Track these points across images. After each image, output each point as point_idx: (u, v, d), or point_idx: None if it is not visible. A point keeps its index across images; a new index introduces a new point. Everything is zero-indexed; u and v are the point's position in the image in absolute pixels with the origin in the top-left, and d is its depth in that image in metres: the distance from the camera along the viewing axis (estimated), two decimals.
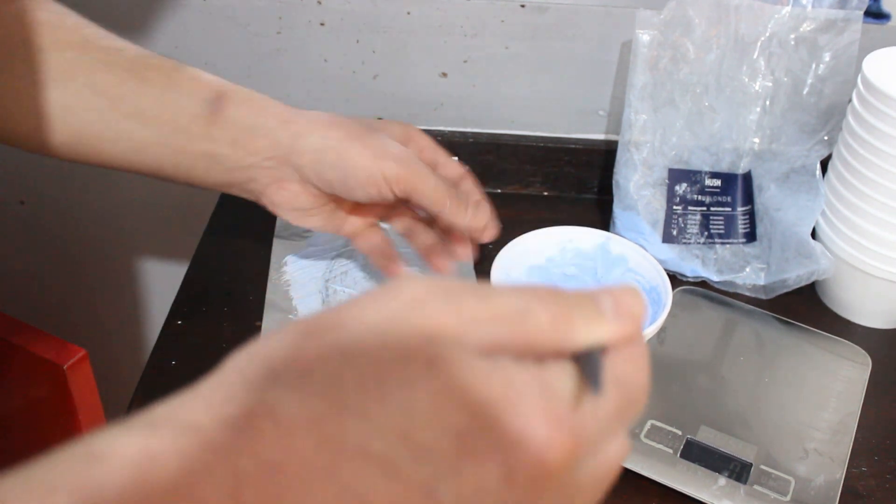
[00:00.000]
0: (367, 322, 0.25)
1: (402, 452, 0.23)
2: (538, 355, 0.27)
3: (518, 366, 0.26)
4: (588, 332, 0.27)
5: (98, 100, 0.53)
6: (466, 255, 0.62)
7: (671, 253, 0.76)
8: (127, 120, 0.53)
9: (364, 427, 0.23)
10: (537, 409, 0.25)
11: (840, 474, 0.58)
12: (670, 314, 0.70)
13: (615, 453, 0.30)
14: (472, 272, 0.77)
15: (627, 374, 0.28)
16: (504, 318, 0.26)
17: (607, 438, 0.28)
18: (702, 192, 0.77)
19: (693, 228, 0.77)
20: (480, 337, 0.26)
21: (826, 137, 0.74)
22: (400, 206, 0.62)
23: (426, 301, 0.26)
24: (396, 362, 0.24)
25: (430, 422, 0.23)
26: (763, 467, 0.58)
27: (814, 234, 0.73)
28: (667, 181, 0.77)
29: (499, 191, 0.87)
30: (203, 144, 0.53)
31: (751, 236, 0.78)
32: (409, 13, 0.79)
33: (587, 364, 0.27)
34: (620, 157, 0.77)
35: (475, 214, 0.59)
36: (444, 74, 0.83)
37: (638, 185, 0.76)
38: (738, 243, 0.78)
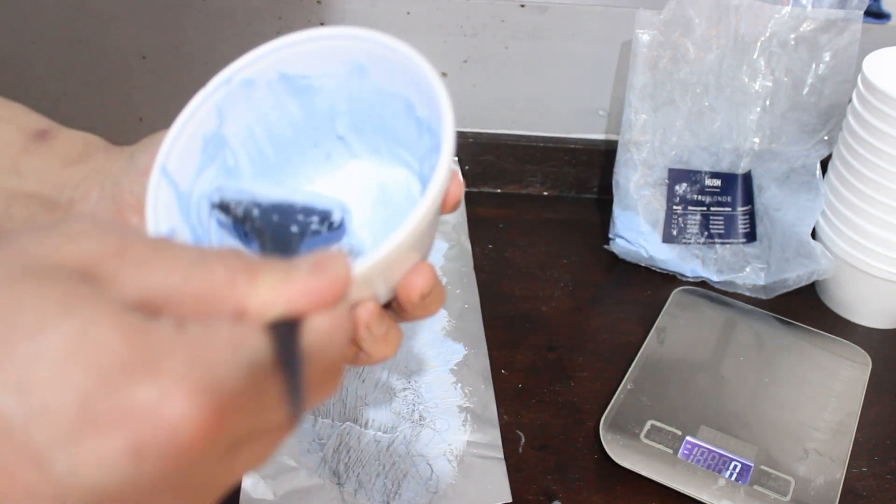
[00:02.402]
0: (20, 248, 0.23)
1: (15, 410, 0.20)
2: (212, 314, 0.24)
3: (168, 326, 0.22)
4: (272, 291, 0.25)
5: None
6: None
7: (671, 253, 0.76)
8: None
9: None
10: (180, 374, 0.22)
11: (840, 474, 0.58)
12: (670, 314, 0.70)
13: (276, 434, 0.27)
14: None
15: (314, 349, 0.25)
16: (175, 267, 0.24)
17: (269, 422, 0.25)
18: (702, 192, 0.77)
19: (693, 228, 0.77)
20: (142, 282, 0.23)
21: (826, 137, 0.74)
22: None
23: (92, 235, 0.23)
24: (33, 297, 0.21)
25: (52, 378, 0.20)
26: (763, 467, 0.58)
27: (814, 234, 0.73)
28: (667, 181, 0.77)
29: (499, 191, 0.87)
30: (6, 179, 0.41)
31: (751, 236, 0.78)
32: (408, 13, 0.79)
33: (279, 337, 0.24)
34: (620, 156, 0.77)
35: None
36: (444, 74, 0.83)
37: (638, 185, 0.76)
38: (738, 243, 0.78)
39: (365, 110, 0.38)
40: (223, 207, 0.36)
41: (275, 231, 0.34)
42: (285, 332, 0.25)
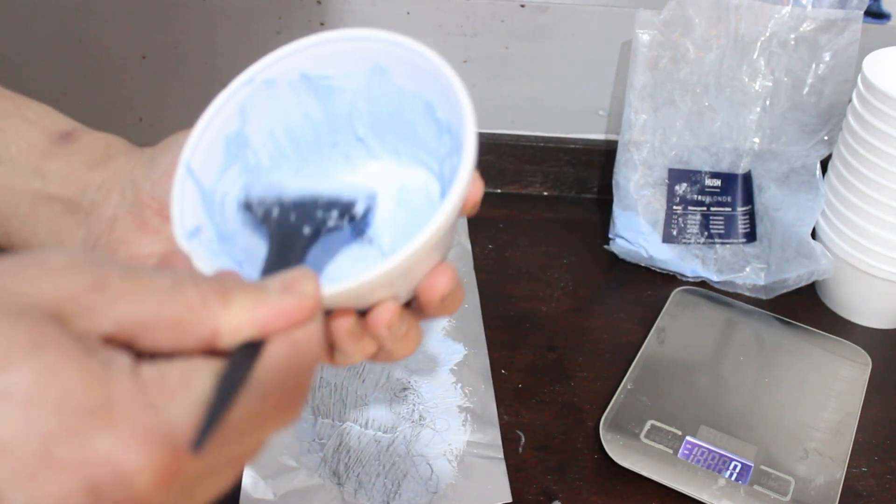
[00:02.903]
0: (6, 279, 0.23)
1: None
2: (185, 339, 0.25)
3: (125, 370, 0.23)
4: (245, 313, 0.26)
5: None
6: None
7: (671, 253, 0.76)
8: None
9: None
10: (136, 423, 0.22)
11: (840, 474, 0.58)
12: (670, 314, 0.70)
13: (252, 451, 0.27)
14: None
15: (274, 377, 0.26)
16: (150, 296, 0.24)
17: (243, 447, 0.26)
18: (702, 192, 0.77)
19: (693, 228, 0.77)
20: (117, 314, 0.24)
21: (826, 137, 0.74)
22: None
23: (68, 271, 0.24)
24: (5, 333, 0.22)
25: (14, 417, 0.21)
26: (763, 467, 0.58)
27: (814, 234, 0.73)
28: (667, 181, 0.77)
29: (499, 191, 0.87)
30: (28, 180, 0.41)
31: (751, 236, 0.78)
32: (408, 13, 0.79)
33: (234, 363, 0.25)
34: (620, 157, 0.77)
35: None
36: None
37: (638, 185, 0.76)
38: (738, 243, 0.78)
39: (385, 111, 0.38)
40: (248, 207, 0.36)
41: (284, 236, 0.34)
42: (246, 355, 0.25)
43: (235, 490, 0.55)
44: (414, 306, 0.36)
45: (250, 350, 0.26)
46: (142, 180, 0.39)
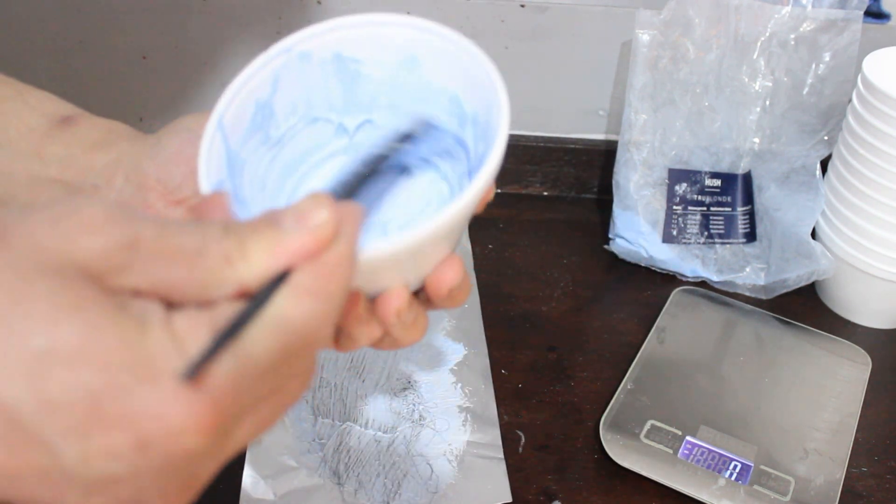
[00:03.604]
0: (33, 241, 0.24)
1: (30, 404, 0.22)
2: (216, 295, 0.25)
3: (165, 320, 0.24)
4: (265, 261, 0.26)
5: None
6: None
7: (671, 253, 0.76)
8: None
9: None
10: (175, 381, 0.23)
11: (840, 474, 0.58)
12: (670, 314, 0.70)
13: (290, 392, 0.28)
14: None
15: (296, 310, 0.26)
16: (180, 258, 0.25)
17: (276, 384, 0.27)
18: (702, 192, 0.77)
19: (693, 228, 0.77)
20: (151, 275, 0.24)
21: (826, 137, 0.74)
22: None
23: (103, 227, 0.24)
24: (45, 296, 0.23)
25: (63, 374, 0.22)
26: (763, 467, 0.58)
27: (814, 234, 0.73)
28: (667, 181, 0.77)
29: (499, 191, 0.87)
30: (27, 164, 0.41)
31: (751, 236, 0.78)
32: (408, 13, 0.79)
33: (257, 295, 0.25)
34: (620, 157, 0.77)
35: None
36: None
37: (638, 185, 0.76)
38: (738, 243, 0.78)
39: (405, 104, 0.38)
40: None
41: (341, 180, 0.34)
42: (270, 288, 0.25)
43: (235, 490, 0.55)
44: (421, 297, 0.36)
45: (275, 284, 0.26)
46: (147, 163, 0.39)
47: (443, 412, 0.61)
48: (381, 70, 0.37)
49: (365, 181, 0.34)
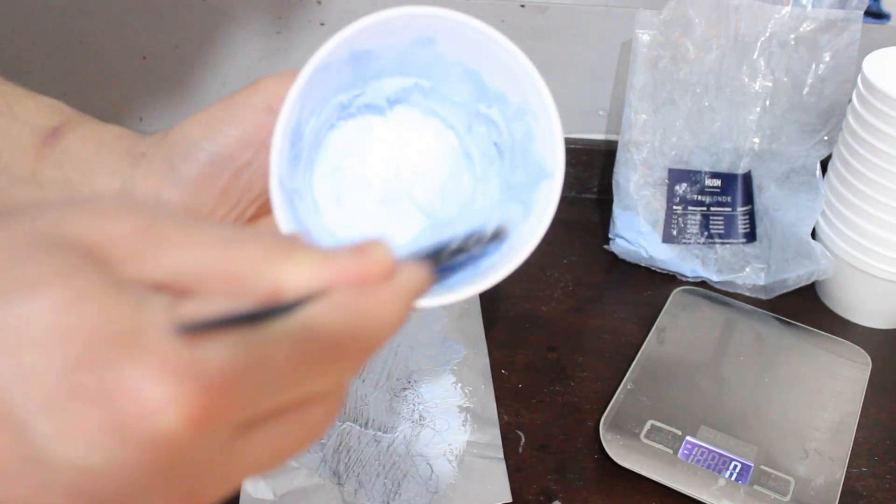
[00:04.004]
0: (37, 221, 0.22)
1: (5, 372, 0.20)
2: (244, 294, 0.23)
3: (162, 303, 0.22)
4: (309, 270, 0.24)
5: None
6: None
7: (671, 253, 0.76)
8: None
9: None
10: (164, 355, 0.21)
11: (840, 474, 0.58)
12: (670, 314, 0.70)
13: (312, 418, 0.25)
14: None
15: (324, 317, 0.23)
16: (206, 246, 0.23)
17: (290, 397, 0.24)
18: (702, 192, 0.77)
19: (693, 228, 0.77)
20: (169, 262, 0.22)
21: (826, 137, 0.74)
22: None
23: (113, 213, 0.23)
24: (30, 263, 0.21)
25: (38, 342, 0.20)
26: (763, 467, 0.58)
27: (814, 234, 0.73)
28: (667, 181, 0.77)
29: None
30: (27, 190, 0.39)
31: (751, 236, 0.78)
32: None
33: (289, 306, 0.23)
34: (620, 157, 0.77)
35: None
36: None
37: (638, 185, 0.76)
38: (738, 243, 0.78)
39: (413, 72, 0.38)
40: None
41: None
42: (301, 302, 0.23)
43: (235, 490, 0.55)
44: None
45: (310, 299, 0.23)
46: (170, 192, 0.36)
47: (443, 412, 0.61)
48: (393, 50, 0.37)
49: (438, 259, 0.33)
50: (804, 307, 0.74)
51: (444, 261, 0.31)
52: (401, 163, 0.40)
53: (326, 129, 0.40)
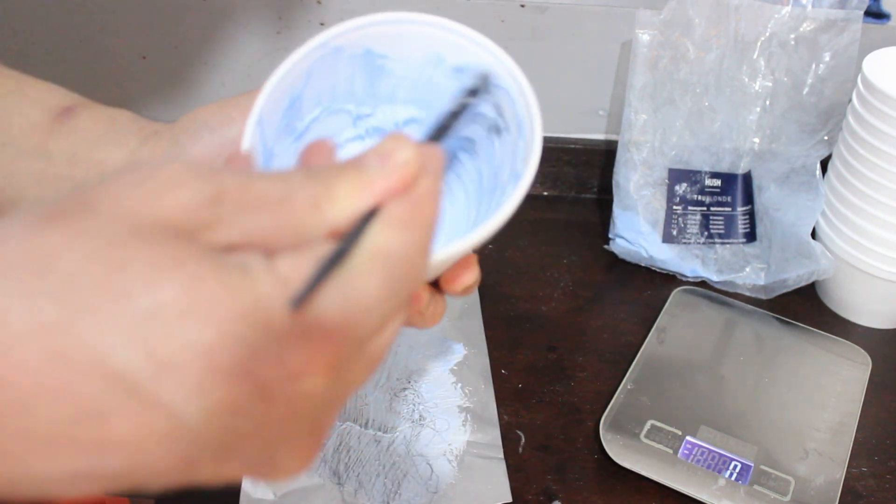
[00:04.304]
0: (119, 206, 0.23)
1: (145, 368, 0.21)
2: (304, 240, 0.25)
3: (267, 265, 0.24)
4: (353, 202, 0.26)
5: None
6: None
7: (671, 253, 0.76)
8: None
9: (103, 337, 0.21)
10: (291, 327, 0.23)
11: (840, 474, 0.58)
12: (670, 314, 0.70)
13: (393, 331, 0.27)
14: None
15: (394, 242, 0.26)
16: (267, 207, 0.24)
17: (383, 319, 0.26)
18: (702, 192, 0.77)
19: (693, 228, 0.77)
20: (240, 226, 0.24)
21: (826, 137, 0.74)
22: None
23: (186, 182, 0.24)
24: (142, 257, 0.22)
25: (173, 331, 0.21)
26: (763, 467, 0.58)
27: (814, 234, 0.73)
28: (667, 181, 0.77)
29: None
30: (33, 162, 0.40)
31: (751, 236, 0.78)
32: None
33: (352, 230, 0.25)
34: (620, 157, 0.77)
35: None
36: None
37: (638, 185, 0.76)
38: (738, 243, 0.78)
39: (424, 97, 0.39)
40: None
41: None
42: (363, 222, 0.25)
43: (235, 490, 0.55)
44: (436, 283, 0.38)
45: (366, 220, 0.26)
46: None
47: (443, 412, 0.61)
48: (405, 66, 0.38)
49: (442, 133, 0.34)
50: (804, 307, 0.74)
51: (448, 130, 0.33)
52: None
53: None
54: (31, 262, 0.21)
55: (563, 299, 0.74)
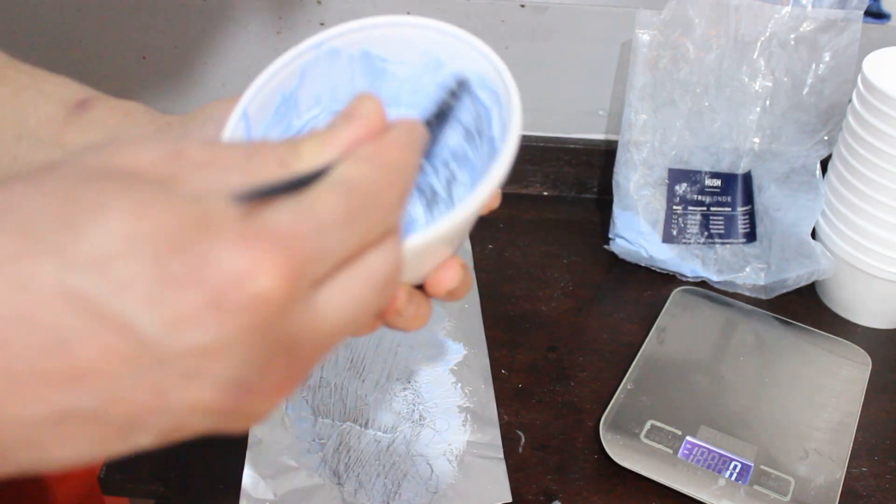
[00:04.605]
0: (81, 161, 0.24)
1: (102, 287, 0.22)
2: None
3: (220, 194, 0.24)
4: (320, 155, 0.26)
5: None
6: None
7: (671, 253, 0.76)
8: None
9: (60, 263, 0.21)
10: (240, 230, 0.23)
11: (840, 474, 0.58)
12: (670, 314, 0.70)
13: (374, 266, 0.27)
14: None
15: (356, 173, 0.26)
16: (231, 165, 0.25)
17: (347, 247, 0.26)
18: (702, 192, 0.77)
19: (693, 228, 0.77)
20: (201, 183, 0.24)
21: (826, 137, 0.74)
22: None
23: (147, 144, 0.25)
24: (93, 186, 0.23)
25: (126, 251, 0.22)
26: (763, 467, 0.58)
27: (814, 234, 0.73)
28: (667, 181, 0.77)
29: (499, 191, 0.87)
30: (50, 153, 0.42)
31: (751, 236, 0.78)
32: (408, 13, 0.78)
33: (317, 173, 0.26)
34: (620, 157, 0.77)
35: None
36: None
37: (638, 185, 0.76)
38: (738, 243, 0.78)
39: (425, 102, 0.39)
40: None
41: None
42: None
43: (235, 490, 0.55)
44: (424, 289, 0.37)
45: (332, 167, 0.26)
46: None
47: (443, 412, 0.61)
48: (406, 69, 0.39)
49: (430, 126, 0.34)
50: (804, 307, 0.74)
51: (431, 127, 0.33)
52: None
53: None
54: None
55: (563, 299, 0.74)
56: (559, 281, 0.76)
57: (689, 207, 0.77)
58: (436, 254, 0.34)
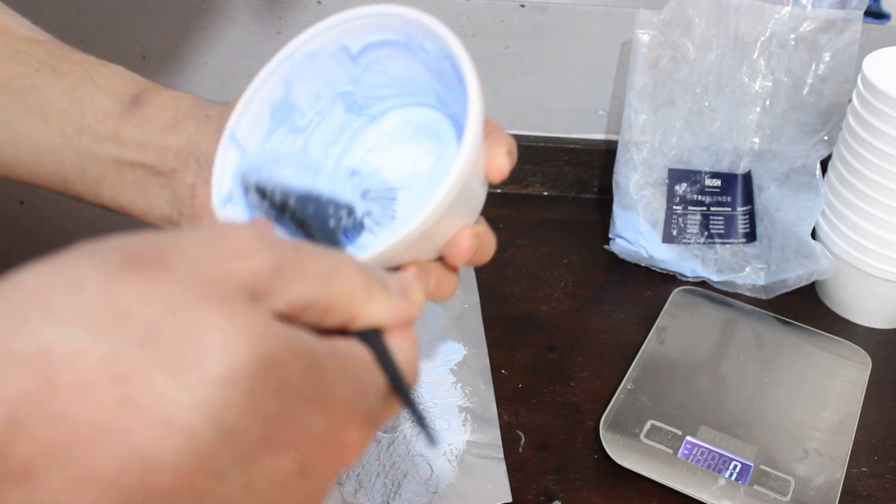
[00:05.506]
0: (194, 266, 0.24)
1: (206, 428, 0.22)
2: (328, 320, 0.27)
3: (334, 356, 0.26)
4: (376, 308, 0.29)
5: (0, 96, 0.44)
6: None
7: (671, 253, 0.76)
8: (29, 117, 0.44)
9: (173, 394, 0.22)
10: (352, 408, 0.26)
11: (840, 474, 0.58)
12: (670, 314, 0.70)
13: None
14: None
15: (404, 359, 0.30)
16: (313, 280, 0.27)
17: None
18: (702, 192, 0.77)
19: (693, 228, 0.77)
20: (290, 296, 0.26)
21: (826, 137, 0.74)
22: None
23: (254, 251, 0.25)
24: (218, 322, 0.23)
25: (239, 400, 0.22)
26: (763, 467, 0.58)
27: (814, 234, 0.73)
28: (667, 181, 0.77)
29: (499, 191, 0.87)
30: (109, 148, 0.43)
31: (751, 236, 0.78)
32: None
33: (371, 345, 0.29)
34: (620, 156, 0.77)
35: None
36: None
37: (638, 185, 0.76)
38: (738, 243, 0.78)
39: (408, 83, 0.41)
40: (260, 191, 0.37)
41: (318, 223, 0.36)
42: (375, 338, 0.29)
43: None
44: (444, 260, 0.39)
45: (374, 334, 0.29)
46: (210, 150, 0.41)
47: (443, 412, 0.61)
48: (389, 50, 0.40)
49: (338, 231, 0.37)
50: (804, 307, 0.74)
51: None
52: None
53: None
54: (109, 308, 0.22)
55: (563, 299, 0.74)
56: (559, 281, 0.76)
57: (689, 207, 0.77)
58: (444, 225, 0.35)
